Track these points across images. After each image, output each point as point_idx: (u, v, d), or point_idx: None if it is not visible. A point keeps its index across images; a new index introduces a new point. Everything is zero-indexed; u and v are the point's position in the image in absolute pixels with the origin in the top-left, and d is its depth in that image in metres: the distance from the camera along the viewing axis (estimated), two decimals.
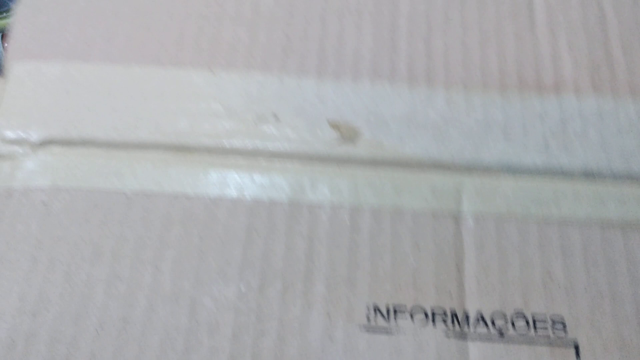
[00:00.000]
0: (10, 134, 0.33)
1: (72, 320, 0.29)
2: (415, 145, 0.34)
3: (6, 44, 0.36)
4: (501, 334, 0.29)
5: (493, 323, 0.29)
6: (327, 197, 0.32)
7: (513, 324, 0.29)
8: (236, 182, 0.33)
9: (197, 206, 0.32)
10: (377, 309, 0.29)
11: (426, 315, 0.29)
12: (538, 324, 0.29)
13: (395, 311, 0.29)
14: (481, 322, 0.29)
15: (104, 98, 0.34)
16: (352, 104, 0.35)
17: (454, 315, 0.29)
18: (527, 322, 0.29)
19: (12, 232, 0.31)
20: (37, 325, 0.29)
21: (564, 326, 0.29)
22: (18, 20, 0.36)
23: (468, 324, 0.29)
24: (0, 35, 0.50)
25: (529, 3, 0.38)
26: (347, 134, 0.34)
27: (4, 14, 0.51)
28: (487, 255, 0.31)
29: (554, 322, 0.29)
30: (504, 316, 0.29)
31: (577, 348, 0.29)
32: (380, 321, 0.29)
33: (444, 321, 0.29)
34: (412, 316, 0.29)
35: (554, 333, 0.29)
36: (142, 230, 0.31)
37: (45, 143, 0.33)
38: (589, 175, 0.33)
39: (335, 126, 0.34)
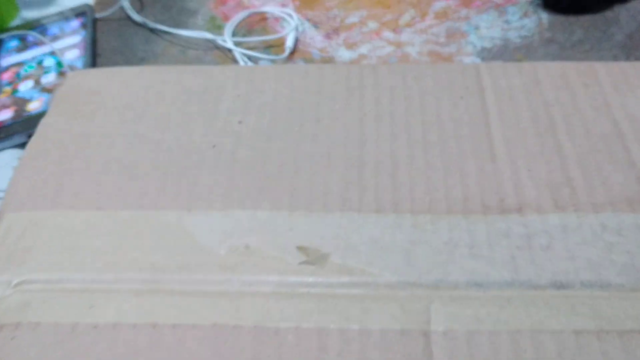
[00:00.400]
0: None
1: None
2: (383, 267, 0.35)
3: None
4: None
5: None
6: (294, 320, 0.33)
7: None
8: (204, 311, 0.33)
9: (166, 335, 0.32)
10: None
11: None
12: None
13: None
14: None
15: (87, 240, 0.37)
16: (322, 232, 0.37)
17: None
18: None
19: None
20: None
21: None
22: (15, 177, 0.41)
23: None
24: None
25: (489, 139, 0.41)
26: (316, 257, 0.35)
27: None
28: None
29: None
30: None
31: None
32: None
33: None
34: None
35: None
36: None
37: (24, 282, 0.35)
38: (559, 286, 0.33)
39: (303, 250, 0.35)
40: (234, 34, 0.64)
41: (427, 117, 0.43)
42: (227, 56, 0.62)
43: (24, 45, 0.66)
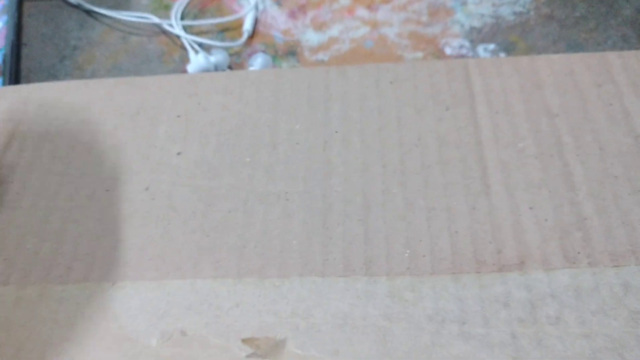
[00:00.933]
0: None
1: None
2: (352, 355, 0.28)
3: None
4: None
5: None
6: None
7: None
8: None
9: None
10: None
11: None
12: None
13: None
14: None
15: None
16: (276, 307, 0.29)
17: None
18: None
19: None
20: None
21: None
22: None
23: None
24: None
25: (481, 164, 0.33)
26: (268, 348, 0.28)
27: None
28: None
29: None
30: None
31: None
32: None
33: None
34: None
35: None
36: None
37: None
38: None
39: (251, 342, 0.28)
40: (183, 16, 0.55)
41: (406, 137, 0.35)
42: (175, 43, 0.53)
43: None
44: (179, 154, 0.36)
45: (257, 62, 0.47)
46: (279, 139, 0.36)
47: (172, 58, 0.52)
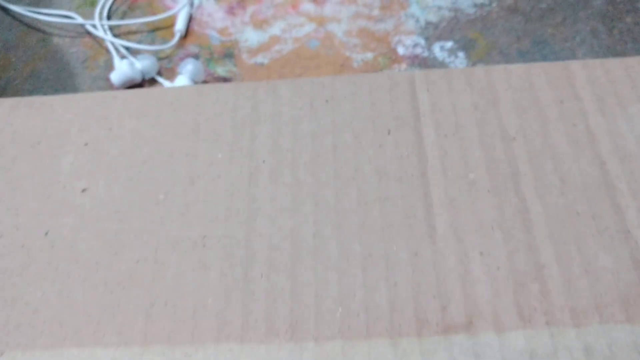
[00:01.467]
0: None
1: None
2: None
3: None
4: None
5: None
6: None
7: None
8: None
9: None
10: None
11: None
12: None
13: None
14: None
15: None
16: None
17: None
18: None
19: None
20: None
21: None
22: None
23: None
24: None
25: (426, 201, 0.29)
26: None
27: None
28: None
29: None
30: None
31: None
32: None
33: None
34: None
35: None
36: None
37: None
38: None
39: None
40: (110, 14, 0.50)
41: (342, 169, 0.31)
42: (100, 45, 0.48)
43: None
44: (84, 190, 0.32)
45: (187, 69, 0.42)
46: (197, 172, 0.32)
47: (97, 63, 0.46)
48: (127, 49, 0.47)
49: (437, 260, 0.28)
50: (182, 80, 0.42)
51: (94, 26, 0.48)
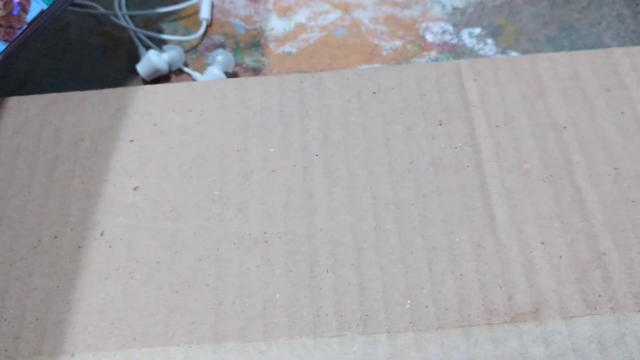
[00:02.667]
0: None
1: None
2: None
3: None
4: None
5: None
6: None
7: None
8: None
9: None
10: None
11: None
12: None
13: None
14: None
15: None
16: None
17: None
18: None
19: None
20: None
21: None
22: None
23: None
24: None
25: (484, 191, 0.30)
26: None
27: None
28: None
29: None
30: None
31: None
32: None
33: None
34: None
35: None
36: None
37: None
38: None
39: None
40: (128, 4, 0.49)
41: (396, 161, 0.31)
42: (121, 35, 0.47)
43: None
44: (135, 189, 0.32)
45: (217, 60, 0.42)
46: (251, 167, 0.32)
47: (119, 54, 0.46)
48: (151, 39, 0.47)
49: (500, 251, 0.29)
50: (213, 71, 0.42)
51: (115, 17, 0.48)
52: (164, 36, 0.45)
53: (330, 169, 0.32)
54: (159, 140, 0.33)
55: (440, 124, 0.32)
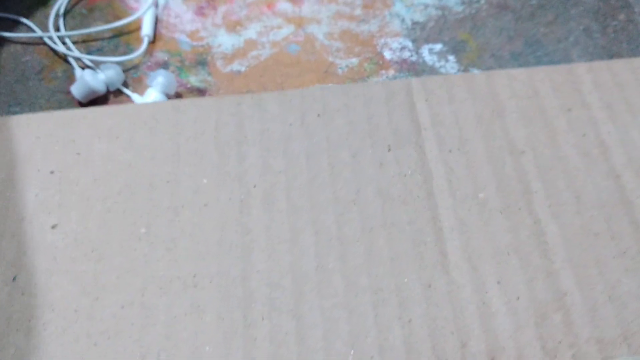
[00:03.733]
0: None
1: None
2: None
3: None
4: None
5: None
6: None
7: None
8: None
9: None
10: None
11: None
12: None
13: None
14: None
15: None
16: None
17: None
18: None
19: None
20: None
21: None
22: None
23: None
24: None
25: (435, 225, 0.27)
26: None
27: None
28: None
29: None
30: None
31: None
32: None
33: None
34: None
35: None
36: None
37: None
38: None
39: None
40: (66, 19, 0.46)
41: (341, 191, 0.29)
42: (57, 53, 0.44)
43: None
44: (54, 227, 0.29)
45: (157, 81, 0.39)
46: (181, 201, 0.29)
47: (54, 73, 0.43)
48: (90, 58, 0.44)
49: (453, 292, 0.26)
50: (152, 93, 0.40)
51: (49, 37, 0.45)
52: (103, 58, 0.43)
53: (269, 201, 0.29)
54: (82, 171, 0.30)
55: (388, 150, 0.30)
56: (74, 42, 0.44)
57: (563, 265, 0.27)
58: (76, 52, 0.43)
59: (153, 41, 0.45)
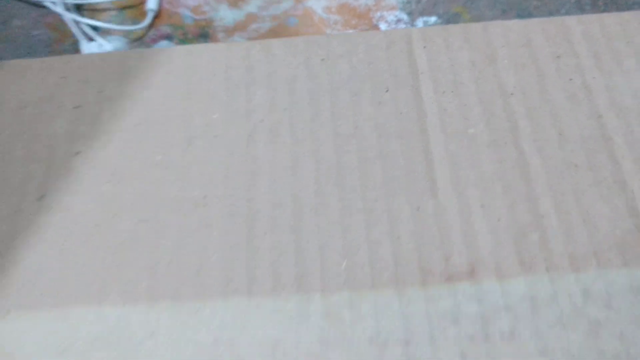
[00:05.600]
0: None
1: None
2: None
3: None
4: None
5: None
6: None
7: None
8: None
9: None
10: None
11: None
12: None
13: None
14: None
15: None
16: (197, 335, 0.29)
17: None
18: None
19: None
20: None
21: None
22: None
23: None
24: None
25: (426, 156, 0.33)
26: None
27: None
28: None
29: None
30: None
31: None
32: None
33: None
34: None
35: None
36: None
37: None
38: None
39: None
40: None
41: (341, 127, 0.34)
42: (65, 26, 0.50)
43: None
44: (77, 154, 0.35)
45: None
46: (193, 133, 0.35)
47: (63, 46, 0.49)
48: (95, 29, 0.50)
49: (439, 214, 0.32)
50: None
51: (54, 3, 0.50)
52: (109, 26, 0.48)
53: (274, 134, 0.34)
54: (104, 107, 0.36)
55: (387, 91, 0.35)
56: (81, 16, 0.49)
57: (543, 192, 0.32)
58: (83, 21, 0.48)
59: (157, 16, 0.50)
